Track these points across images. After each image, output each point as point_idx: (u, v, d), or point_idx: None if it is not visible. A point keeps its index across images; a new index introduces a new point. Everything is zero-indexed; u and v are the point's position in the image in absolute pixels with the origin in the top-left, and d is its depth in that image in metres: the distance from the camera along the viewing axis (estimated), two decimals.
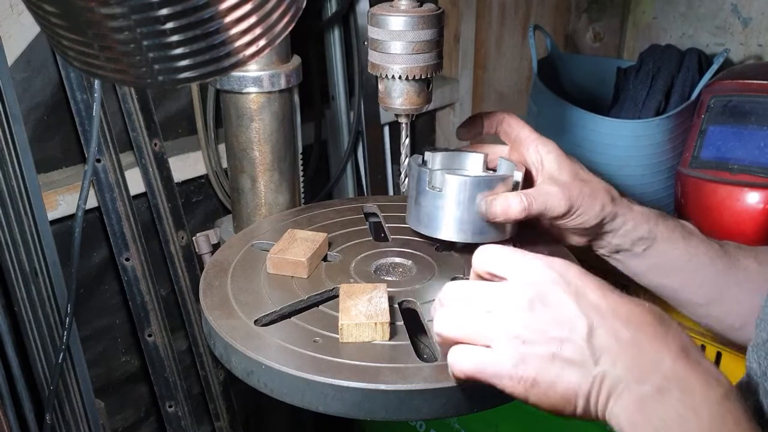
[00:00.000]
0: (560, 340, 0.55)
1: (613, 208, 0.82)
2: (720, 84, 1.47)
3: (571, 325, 0.55)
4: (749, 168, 1.36)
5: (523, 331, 0.55)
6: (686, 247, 0.84)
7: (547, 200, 0.80)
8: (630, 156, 1.56)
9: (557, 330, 0.55)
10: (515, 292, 0.57)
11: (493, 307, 0.57)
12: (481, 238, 0.83)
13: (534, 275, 0.57)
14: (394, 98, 0.78)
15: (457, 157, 0.92)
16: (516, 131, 0.87)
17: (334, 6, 1.44)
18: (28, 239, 1.12)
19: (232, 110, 1.10)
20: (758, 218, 1.33)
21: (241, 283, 0.82)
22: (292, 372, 0.67)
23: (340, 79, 1.51)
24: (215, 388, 1.48)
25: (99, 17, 0.53)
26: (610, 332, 0.55)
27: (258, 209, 1.15)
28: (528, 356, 0.55)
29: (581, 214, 0.81)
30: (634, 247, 0.84)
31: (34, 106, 1.18)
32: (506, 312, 0.56)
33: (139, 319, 1.32)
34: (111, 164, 1.21)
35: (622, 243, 0.84)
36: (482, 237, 0.83)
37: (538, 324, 0.55)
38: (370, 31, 0.75)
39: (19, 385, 1.15)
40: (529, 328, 0.55)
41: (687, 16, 1.96)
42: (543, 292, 0.56)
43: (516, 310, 0.56)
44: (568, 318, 0.55)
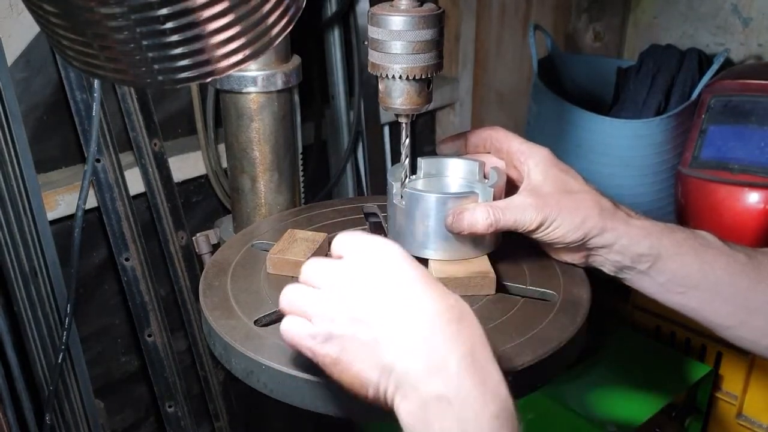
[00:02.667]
0: (360, 322, 0.57)
1: (600, 222, 0.77)
2: (720, 84, 1.47)
3: (372, 309, 0.57)
4: (749, 168, 1.36)
5: (333, 310, 0.58)
6: (699, 263, 0.78)
7: (516, 213, 0.77)
8: (630, 156, 1.56)
9: (361, 312, 0.57)
10: (340, 272, 0.60)
11: (322, 284, 0.60)
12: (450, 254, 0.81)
13: (362, 257, 0.59)
14: (394, 98, 0.77)
15: (451, 164, 0.89)
16: (505, 145, 0.84)
17: (334, 6, 1.44)
18: (28, 239, 1.12)
19: (232, 110, 1.09)
20: (759, 218, 1.33)
21: (241, 283, 0.82)
22: (292, 372, 0.67)
23: (340, 79, 1.51)
24: (215, 388, 1.48)
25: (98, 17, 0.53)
26: (406, 324, 0.56)
27: (258, 209, 1.15)
28: (334, 334, 0.58)
29: (557, 227, 0.77)
30: (636, 264, 0.79)
31: (34, 106, 1.18)
32: (328, 290, 0.60)
33: (138, 319, 1.32)
34: (111, 164, 1.21)
35: (622, 260, 0.79)
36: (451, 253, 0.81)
37: (347, 303, 0.58)
38: (370, 30, 0.75)
39: (18, 385, 1.14)
40: (339, 306, 0.58)
41: (687, 15, 1.96)
42: (362, 274, 0.58)
43: (335, 288, 0.59)
44: (372, 301, 0.57)
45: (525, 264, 0.86)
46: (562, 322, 0.75)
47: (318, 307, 0.59)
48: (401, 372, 0.55)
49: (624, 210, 0.80)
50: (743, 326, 0.79)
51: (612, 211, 0.78)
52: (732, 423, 1.31)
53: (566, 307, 0.78)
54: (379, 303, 0.57)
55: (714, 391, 1.31)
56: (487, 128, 0.87)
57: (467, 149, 0.88)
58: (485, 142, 0.86)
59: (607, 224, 0.77)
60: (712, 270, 0.78)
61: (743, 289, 0.77)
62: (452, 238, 0.80)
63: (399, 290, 0.57)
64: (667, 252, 0.78)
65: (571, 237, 0.77)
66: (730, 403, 1.30)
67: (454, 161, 0.88)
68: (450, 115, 1.86)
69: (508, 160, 0.85)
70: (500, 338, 0.71)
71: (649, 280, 0.80)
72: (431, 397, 0.54)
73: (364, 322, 0.57)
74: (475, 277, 0.78)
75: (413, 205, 0.80)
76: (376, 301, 0.57)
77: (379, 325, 0.56)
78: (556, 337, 0.72)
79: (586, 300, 0.79)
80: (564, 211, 0.77)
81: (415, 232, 0.81)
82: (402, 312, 0.56)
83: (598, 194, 0.80)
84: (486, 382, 0.54)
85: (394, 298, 0.57)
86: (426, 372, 0.54)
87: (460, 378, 0.53)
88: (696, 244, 0.79)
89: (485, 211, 0.77)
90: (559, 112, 1.60)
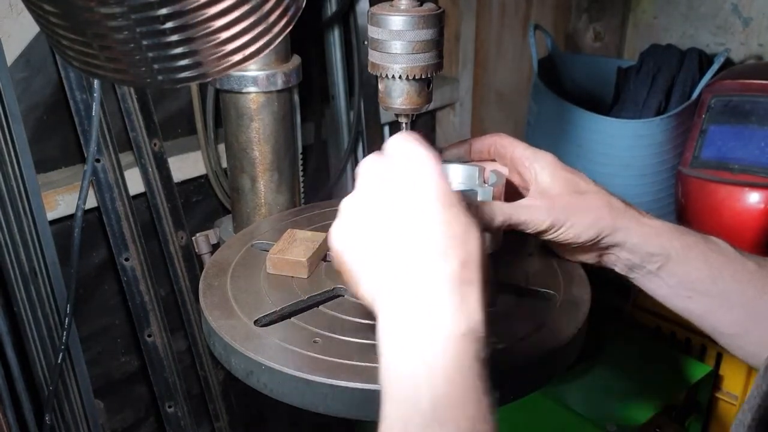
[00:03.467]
0: (364, 247, 0.58)
1: (611, 221, 0.76)
2: (720, 84, 1.47)
3: (380, 234, 0.57)
4: (750, 168, 1.36)
5: (358, 218, 0.59)
6: (708, 268, 0.77)
7: (526, 213, 0.76)
8: (631, 156, 1.56)
9: (370, 234, 0.58)
10: (370, 182, 0.60)
11: (357, 188, 0.61)
12: None
13: (396, 172, 0.59)
14: (394, 98, 0.77)
15: (450, 169, 0.89)
16: (509, 151, 0.83)
17: (334, 6, 1.44)
18: (28, 239, 1.12)
19: (232, 110, 1.09)
20: (759, 218, 1.33)
21: (241, 284, 0.82)
22: (292, 372, 0.66)
23: (340, 79, 1.51)
24: (215, 388, 1.48)
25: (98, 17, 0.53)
26: (403, 253, 0.56)
27: (258, 209, 1.15)
28: (344, 256, 0.60)
29: (570, 227, 0.76)
30: (646, 263, 0.78)
31: (34, 106, 1.18)
32: (357, 199, 0.61)
33: (138, 319, 1.32)
34: (110, 164, 1.21)
35: (632, 259, 0.78)
36: None
37: (364, 224, 0.59)
38: (370, 30, 0.75)
39: (18, 385, 1.14)
40: (356, 227, 0.59)
41: (688, 15, 1.96)
42: (386, 193, 0.59)
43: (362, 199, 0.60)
44: (383, 225, 0.57)
45: (525, 264, 0.86)
46: (562, 322, 0.75)
47: (345, 217, 0.61)
48: (388, 296, 0.56)
49: (635, 209, 0.79)
50: (746, 336, 0.78)
51: (623, 209, 0.78)
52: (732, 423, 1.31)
53: (566, 307, 0.77)
54: (388, 228, 0.57)
55: (714, 391, 1.31)
56: (490, 135, 0.86)
57: (471, 156, 0.88)
58: (489, 148, 0.86)
59: (618, 222, 0.77)
60: (721, 276, 0.77)
61: (750, 298, 0.76)
62: None
63: (410, 216, 0.56)
64: (677, 254, 0.77)
65: (584, 237, 0.77)
66: (730, 403, 1.30)
67: (454, 167, 0.88)
68: (450, 115, 1.86)
69: (512, 166, 0.84)
70: (500, 338, 0.71)
71: (658, 282, 0.80)
72: (410, 312, 0.54)
73: (368, 248, 0.58)
74: None
75: None
76: (386, 226, 0.57)
77: (380, 250, 0.57)
78: (556, 337, 0.72)
79: (586, 300, 0.79)
80: (575, 211, 0.76)
81: None
82: (403, 241, 0.56)
83: (608, 193, 0.80)
84: (465, 307, 0.54)
85: (404, 225, 0.56)
86: (411, 293, 0.54)
87: (440, 300, 0.53)
88: (706, 248, 0.78)
89: (498, 208, 0.76)
90: (559, 112, 1.60)
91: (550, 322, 0.75)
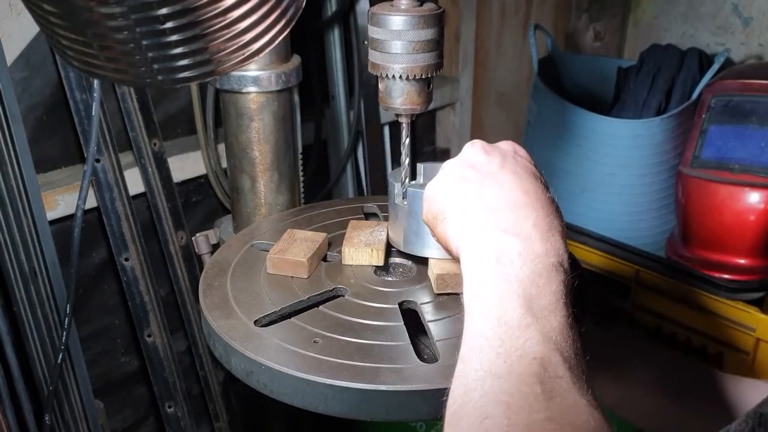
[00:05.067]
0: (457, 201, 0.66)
1: None
2: (721, 84, 1.47)
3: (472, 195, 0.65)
4: (750, 168, 1.36)
5: (458, 173, 0.68)
6: None
7: None
8: (631, 155, 1.56)
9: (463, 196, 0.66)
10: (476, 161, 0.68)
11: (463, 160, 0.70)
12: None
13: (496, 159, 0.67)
14: (394, 98, 0.77)
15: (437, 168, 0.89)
16: None
17: (334, 6, 1.44)
18: (28, 239, 1.12)
19: (232, 110, 1.09)
20: (759, 218, 1.33)
21: (241, 284, 0.82)
22: (292, 372, 0.66)
23: (340, 79, 1.51)
24: (215, 388, 1.48)
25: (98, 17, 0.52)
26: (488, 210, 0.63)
27: (258, 209, 1.15)
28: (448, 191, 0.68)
29: None
30: None
31: (34, 106, 1.17)
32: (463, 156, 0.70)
33: (138, 319, 1.32)
34: (110, 164, 1.21)
35: None
36: None
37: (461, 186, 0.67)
38: (370, 30, 0.75)
39: (18, 385, 1.14)
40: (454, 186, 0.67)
41: (688, 15, 1.96)
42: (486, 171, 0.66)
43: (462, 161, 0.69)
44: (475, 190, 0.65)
45: None
46: None
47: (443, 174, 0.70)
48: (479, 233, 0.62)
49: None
50: None
51: None
52: None
53: None
54: (485, 184, 0.64)
55: None
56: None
57: None
58: None
59: None
60: None
61: None
62: None
63: (507, 178, 0.64)
64: None
65: None
66: None
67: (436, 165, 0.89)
68: (450, 115, 1.86)
69: None
70: None
71: None
72: (502, 248, 0.59)
73: (462, 195, 0.65)
74: None
75: (415, 204, 0.80)
76: (484, 182, 0.65)
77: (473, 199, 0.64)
78: None
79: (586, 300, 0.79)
80: None
81: (416, 231, 0.80)
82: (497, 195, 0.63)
83: None
84: (549, 240, 0.59)
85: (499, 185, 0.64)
86: (502, 234, 0.60)
87: (529, 238, 0.59)
88: None
89: None
90: (559, 111, 1.60)
91: None
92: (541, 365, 0.50)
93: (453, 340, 0.71)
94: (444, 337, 0.72)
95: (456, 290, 0.78)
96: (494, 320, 0.54)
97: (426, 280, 0.82)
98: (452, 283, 0.78)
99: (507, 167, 0.66)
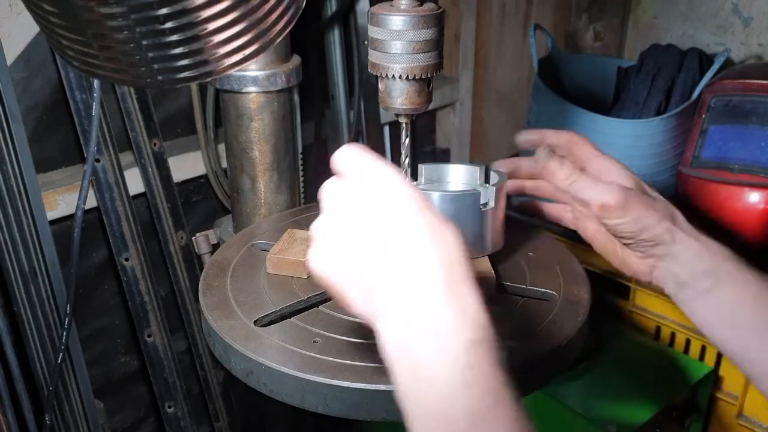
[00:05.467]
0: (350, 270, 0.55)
1: (673, 227, 0.78)
2: (721, 84, 1.47)
3: (365, 255, 0.54)
4: (750, 168, 1.36)
5: (333, 239, 0.56)
6: (756, 297, 0.75)
7: (597, 186, 0.78)
8: (631, 156, 1.55)
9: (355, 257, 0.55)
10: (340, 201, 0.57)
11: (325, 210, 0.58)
12: None
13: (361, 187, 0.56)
14: (394, 98, 0.77)
15: (452, 170, 0.89)
16: (585, 151, 0.86)
17: (334, 5, 1.44)
18: (28, 239, 1.12)
19: (232, 110, 1.09)
20: (759, 218, 1.33)
21: (241, 284, 0.82)
22: (292, 372, 0.66)
23: (340, 79, 1.50)
24: (215, 388, 1.48)
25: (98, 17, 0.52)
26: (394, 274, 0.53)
27: (258, 209, 1.15)
28: (330, 279, 0.56)
29: (635, 218, 0.77)
30: (697, 282, 0.78)
31: (33, 106, 1.17)
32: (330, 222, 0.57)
33: (138, 319, 1.32)
34: (110, 164, 1.21)
35: (681, 275, 0.78)
36: None
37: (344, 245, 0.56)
38: (370, 30, 0.75)
39: (18, 385, 1.14)
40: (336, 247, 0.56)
41: (688, 15, 1.96)
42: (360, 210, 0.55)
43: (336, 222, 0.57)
44: (366, 246, 0.54)
45: (525, 264, 0.86)
46: (562, 322, 0.75)
47: (319, 241, 0.58)
48: (387, 316, 0.53)
49: (695, 227, 0.81)
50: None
51: (684, 223, 0.80)
52: (733, 423, 1.31)
53: (566, 307, 0.78)
54: (365, 243, 0.55)
55: (714, 391, 1.31)
56: (567, 132, 0.88)
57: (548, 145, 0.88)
58: (563, 143, 0.87)
59: (679, 234, 0.78)
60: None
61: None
62: None
63: (385, 228, 0.54)
64: (729, 275, 0.77)
65: (646, 234, 0.78)
66: (730, 403, 1.30)
67: (455, 167, 0.89)
68: (450, 115, 1.86)
69: (591, 166, 0.85)
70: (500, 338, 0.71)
71: (706, 308, 0.79)
72: (413, 330, 0.51)
73: (350, 266, 0.55)
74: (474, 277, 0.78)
75: None
76: (363, 241, 0.55)
77: (362, 266, 0.54)
78: (556, 337, 0.72)
79: (586, 300, 0.79)
80: (644, 205, 0.78)
81: None
82: (383, 254, 0.54)
83: (673, 206, 0.82)
84: (466, 311, 0.52)
85: (380, 238, 0.54)
86: (409, 309, 0.52)
87: (440, 310, 0.51)
88: (758, 276, 0.77)
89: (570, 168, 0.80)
90: (559, 111, 1.60)
91: (550, 322, 0.75)
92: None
93: None
94: None
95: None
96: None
97: None
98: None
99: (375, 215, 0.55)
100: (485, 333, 0.52)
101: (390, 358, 0.52)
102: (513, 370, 0.52)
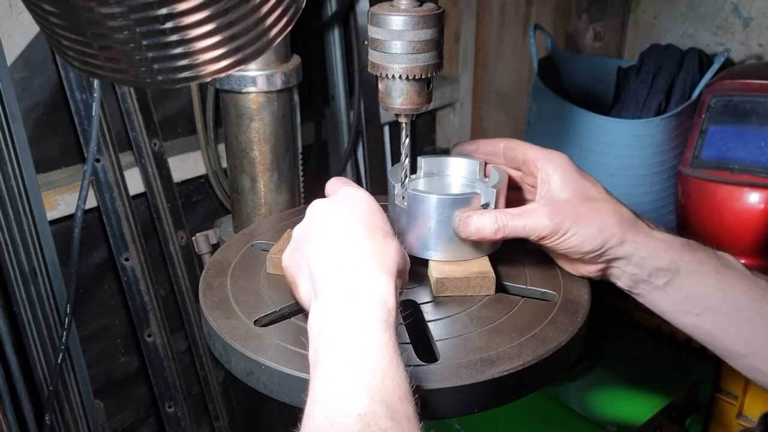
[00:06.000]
0: (301, 261, 0.69)
1: (619, 232, 0.74)
2: (721, 84, 1.47)
3: (313, 251, 0.68)
4: (750, 168, 1.36)
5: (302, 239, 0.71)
6: (719, 284, 0.75)
7: (527, 220, 0.75)
8: (631, 156, 1.56)
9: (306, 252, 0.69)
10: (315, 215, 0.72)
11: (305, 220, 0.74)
12: (451, 255, 0.81)
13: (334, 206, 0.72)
14: (394, 98, 0.77)
15: (451, 163, 0.89)
16: (521, 153, 0.82)
17: (334, 6, 1.44)
18: (28, 239, 1.12)
19: (232, 110, 1.09)
20: (759, 218, 1.33)
21: (241, 284, 0.82)
22: (292, 372, 0.66)
23: (340, 79, 1.51)
24: (215, 388, 1.48)
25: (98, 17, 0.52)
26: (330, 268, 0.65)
27: (258, 209, 1.15)
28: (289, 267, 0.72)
29: (572, 236, 0.74)
30: (654, 278, 0.76)
31: (33, 106, 1.18)
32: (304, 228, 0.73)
33: (138, 319, 1.32)
34: (110, 164, 1.21)
35: (639, 273, 0.77)
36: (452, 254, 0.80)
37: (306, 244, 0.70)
38: (370, 30, 0.75)
39: (18, 385, 1.14)
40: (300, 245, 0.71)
41: (688, 15, 1.96)
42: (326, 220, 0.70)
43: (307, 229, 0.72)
44: (316, 245, 0.68)
45: (525, 264, 0.86)
46: (562, 322, 0.74)
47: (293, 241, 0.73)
48: (320, 299, 0.64)
49: (645, 221, 0.78)
50: (759, 356, 0.76)
51: (632, 221, 0.76)
52: (732, 423, 1.31)
53: (566, 307, 0.77)
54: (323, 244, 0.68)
55: (714, 391, 1.31)
56: (500, 138, 0.85)
57: (477, 157, 0.87)
58: (499, 151, 0.85)
59: (627, 235, 0.75)
60: (733, 292, 0.75)
61: (764, 316, 0.74)
62: (454, 239, 0.80)
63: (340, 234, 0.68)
64: (686, 268, 0.75)
65: (588, 246, 0.75)
66: (730, 403, 1.30)
67: (455, 160, 0.88)
68: (450, 115, 1.86)
69: (525, 169, 0.83)
70: (500, 338, 0.71)
71: (665, 298, 0.78)
72: (336, 311, 0.61)
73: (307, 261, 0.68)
74: (474, 277, 0.78)
75: (415, 206, 0.80)
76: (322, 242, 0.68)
77: (311, 263, 0.67)
78: (556, 337, 0.72)
79: (586, 300, 0.79)
80: (581, 218, 0.74)
81: (416, 233, 0.81)
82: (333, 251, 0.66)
83: (619, 203, 0.78)
84: (385, 302, 0.61)
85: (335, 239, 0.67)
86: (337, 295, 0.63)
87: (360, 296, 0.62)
88: (717, 263, 0.76)
89: (492, 216, 0.76)
90: (559, 111, 1.60)
91: (549, 322, 0.75)
92: (364, 421, 0.52)
93: (453, 340, 0.71)
94: (444, 336, 0.72)
95: (455, 293, 0.78)
96: (326, 384, 0.57)
97: (426, 279, 0.82)
98: (451, 287, 0.78)
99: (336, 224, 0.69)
100: (391, 317, 0.61)
101: (312, 330, 0.61)
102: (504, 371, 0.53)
